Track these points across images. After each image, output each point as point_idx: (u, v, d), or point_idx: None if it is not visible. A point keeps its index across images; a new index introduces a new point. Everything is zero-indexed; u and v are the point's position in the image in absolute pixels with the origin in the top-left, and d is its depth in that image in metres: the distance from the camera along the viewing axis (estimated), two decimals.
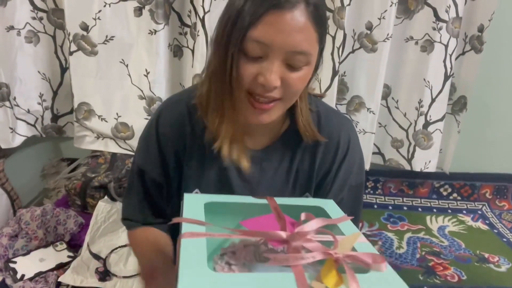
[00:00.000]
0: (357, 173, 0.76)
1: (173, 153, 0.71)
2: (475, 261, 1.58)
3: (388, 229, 1.74)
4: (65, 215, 1.44)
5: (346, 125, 0.74)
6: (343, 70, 1.67)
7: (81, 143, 1.60)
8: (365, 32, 1.60)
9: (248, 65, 0.57)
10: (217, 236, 0.48)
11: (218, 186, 0.72)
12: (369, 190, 1.94)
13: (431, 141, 1.73)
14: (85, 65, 1.49)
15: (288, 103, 0.63)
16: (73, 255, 1.35)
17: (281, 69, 0.57)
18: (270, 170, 0.72)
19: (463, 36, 1.68)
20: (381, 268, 0.42)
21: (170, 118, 0.70)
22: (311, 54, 0.58)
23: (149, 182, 0.73)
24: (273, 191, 0.72)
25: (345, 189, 0.75)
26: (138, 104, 1.56)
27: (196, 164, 0.71)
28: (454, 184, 1.96)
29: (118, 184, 1.56)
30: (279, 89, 0.58)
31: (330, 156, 0.72)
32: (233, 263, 0.51)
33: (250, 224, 0.50)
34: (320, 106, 0.74)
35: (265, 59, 0.56)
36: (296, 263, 0.41)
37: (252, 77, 0.57)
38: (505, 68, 1.81)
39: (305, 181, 0.73)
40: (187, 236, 0.45)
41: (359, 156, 0.76)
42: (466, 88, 1.74)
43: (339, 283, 0.40)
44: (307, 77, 0.61)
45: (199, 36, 1.44)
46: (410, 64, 1.67)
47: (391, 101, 1.77)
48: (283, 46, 0.55)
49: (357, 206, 0.78)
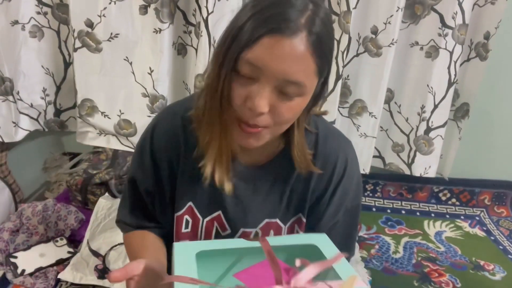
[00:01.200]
0: (353, 197, 0.74)
1: (167, 165, 0.70)
2: (471, 268, 1.59)
3: (385, 232, 1.76)
4: (66, 211, 1.45)
5: (344, 148, 0.72)
6: (346, 74, 1.67)
7: (83, 139, 1.61)
8: (370, 36, 1.59)
9: (239, 86, 0.55)
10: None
11: (210, 202, 0.71)
12: (368, 193, 1.95)
13: (432, 147, 1.73)
14: (89, 61, 1.49)
15: (277, 130, 0.60)
16: (73, 251, 1.37)
17: (271, 95, 0.54)
18: (263, 191, 0.71)
19: (468, 43, 1.67)
20: None
21: (165, 130, 0.70)
22: (305, 86, 0.54)
23: (142, 191, 0.73)
24: (265, 211, 0.72)
25: (340, 212, 0.73)
26: (141, 102, 1.56)
27: (190, 177, 0.70)
28: (453, 189, 1.97)
29: (119, 181, 1.58)
30: (267, 116, 0.56)
31: (325, 179, 0.71)
32: None
33: (244, 276, 0.49)
34: (321, 127, 0.71)
35: (257, 82, 0.54)
36: None
37: (242, 99, 0.55)
38: (509, 76, 1.81)
39: (299, 203, 0.72)
40: None
41: (356, 179, 0.74)
42: (469, 95, 1.74)
43: None
44: (299, 108, 0.58)
45: (202, 37, 1.43)
46: (414, 69, 1.67)
47: (393, 105, 1.77)
48: (276, 73, 0.52)
49: (353, 228, 0.77)
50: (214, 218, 0.72)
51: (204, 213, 0.72)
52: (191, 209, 0.72)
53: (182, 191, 0.71)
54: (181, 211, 0.72)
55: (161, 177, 0.71)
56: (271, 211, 0.72)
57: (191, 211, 0.72)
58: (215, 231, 0.72)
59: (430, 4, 1.56)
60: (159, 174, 0.71)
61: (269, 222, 0.72)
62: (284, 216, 0.73)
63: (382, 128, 1.80)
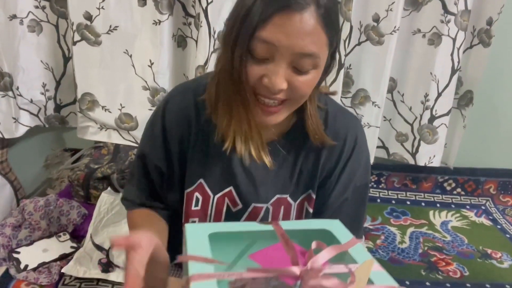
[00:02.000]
0: (363, 174, 0.75)
1: (177, 141, 0.70)
2: (478, 257, 1.57)
3: (391, 223, 1.74)
4: (68, 206, 1.44)
5: (353, 125, 0.73)
6: (348, 63, 1.65)
7: (84, 134, 1.60)
8: (372, 24, 1.57)
9: (255, 66, 0.56)
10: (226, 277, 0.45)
11: (222, 178, 0.71)
12: (373, 184, 1.93)
13: (436, 136, 1.72)
14: (89, 55, 1.48)
15: (294, 105, 0.62)
16: (76, 246, 1.36)
17: (287, 71, 0.56)
18: (274, 166, 0.71)
19: (471, 29, 1.65)
20: None
21: (177, 107, 0.70)
22: (319, 58, 0.56)
23: (150, 167, 0.73)
24: (276, 187, 0.72)
25: (349, 189, 0.74)
26: (142, 95, 1.54)
27: (201, 154, 0.70)
28: (458, 179, 1.95)
29: (121, 176, 1.56)
30: (285, 91, 0.58)
31: (335, 155, 0.71)
32: None
33: (259, 257, 0.48)
34: (330, 104, 0.73)
35: (272, 61, 0.55)
36: None
37: (258, 78, 0.57)
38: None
39: (309, 179, 0.72)
40: (196, 278, 0.43)
41: (365, 157, 0.75)
42: (473, 83, 1.72)
43: None
44: (314, 81, 0.59)
45: (202, 27, 1.42)
46: (417, 57, 1.65)
47: (396, 94, 1.75)
48: (291, 47, 0.54)
49: (362, 207, 0.77)
50: (225, 194, 0.72)
51: (215, 189, 0.72)
52: (201, 186, 0.72)
53: (193, 168, 0.71)
54: (192, 188, 0.72)
55: (171, 154, 0.71)
56: (282, 186, 0.72)
57: (202, 188, 0.72)
58: (226, 207, 0.72)
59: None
60: (169, 150, 0.71)
61: (280, 198, 0.72)
62: (294, 192, 0.72)
63: (385, 118, 1.79)
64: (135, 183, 0.76)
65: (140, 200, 0.75)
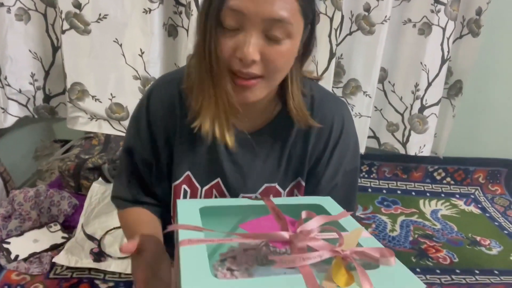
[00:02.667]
0: (352, 158, 0.74)
1: (163, 133, 0.69)
2: (467, 244, 1.60)
3: (381, 212, 1.76)
4: (59, 196, 1.43)
5: (340, 109, 0.72)
6: (340, 53, 1.66)
7: (74, 124, 1.58)
8: (363, 13, 1.58)
9: (226, 39, 0.55)
10: (216, 242, 0.46)
11: (209, 169, 0.70)
12: (364, 174, 1.95)
13: (427, 125, 1.73)
14: (78, 44, 1.46)
15: (271, 81, 0.60)
16: (67, 236, 1.35)
17: (259, 42, 0.54)
18: (261, 155, 0.71)
19: (460, 19, 1.67)
20: (390, 263, 0.41)
21: (161, 98, 0.68)
22: (291, 24, 0.54)
23: (138, 161, 0.72)
24: (264, 176, 0.71)
25: (339, 174, 0.73)
26: (133, 85, 1.53)
27: (187, 146, 0.69)
28: (448, 168, 1.97)
29: (112, 166, 1.55)
30: (259, 64, 0.56)
31: (323, 140, 0.71)
32: (234, 269, 0.50)
33: (249, 226, 0.48)
34: (315, 89, 0.71)
35: (242, 31, 0.54)
36: (303, 263, 0.40)
37: (230, 51, 0.55)
38: (502, 53, 1.81)
39: (298, 166, 0.72)
40: (185, 243, 0.43)
41: (353, 141, 0.74)
42: (462, 72, 1.74)
43: (350, 282, 0.39)
44: (289, 53, 0.58)
45: (193, 16, 1.41)
46: (407, 47, 1.66)
47: (387, 84, 1.76)
48: (260, 13, 0.52)
49: (352, 191, 0.77)
50: (213, 186, 0.71)
51: (203, 181, 0.71)
52: (189, 178, 0.71)
53: (180, 160, 0.70)
54: (179, 181, 0.71)
55: (158, 146, 0.70)
56: (270, 175, 0.71)
57: (189, 180, 0.71)
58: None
59: None
60: (155, 143, 0.70)
61: (269, 187, 0.71)
62: (283, 180, 0.72)
63: (376, 108, 1.80)
64: (124, 180, 0.74)
65: (132, 197, 0.73)
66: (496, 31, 1.74)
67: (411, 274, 0.42)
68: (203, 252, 0.43)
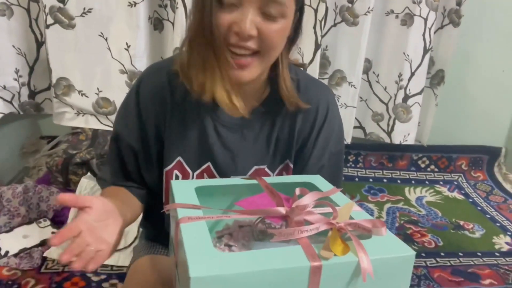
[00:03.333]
0: (337, 140, 0.77)
1: (153, 120, 0.70)
2: (451, 228, 1.65)
3: (368, 200, 1.80)
4: (48, 192, 1.42)
5: (325, 93, 0.75)
6: (325, 44, 1.68)
7: (60, 120, 1.57)
8: (346, 5, 1.60)
9: (224, 14, 0.57)
10: (215, 218, 0.47)
11: (199, 154, 0.72)
12: (351, 164, 1.98)
13: (410, 114, 1.77)
14: (63, 38, 1.45)
15: (266, 58, 0.62)
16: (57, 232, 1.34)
17: (256, 18, 0.57)
18: (250, 137, 0.72)
19: (441, 10, 1.70)
20: (381, 233, 0.44)
21: (151, 86, 0.70)
22: (285, 5, 0.58)
23: (123, 148, 0.73)
24: (253, 158, 0.73)
25: (325, 156, 0.76)
26: (120, 79, 1.53)
27: (177, 132, 0.71)
28: (431, 156, 2.02)
29: (100, 161, 1.55)
30: (255, 40, 0.58)
31: (309, 123, 0.73)
32: (232, 244, 0.52)
33: (245, 204, 0.50)
34: (300, 74, 0.74)
35: (240, 7, 0.57)
36: (301, 236, 0.42)
37: (228, 26, 0.58)
38: (482, 42, 1.86)
39: (285, 149, 0.74)
40: (185, 220, 0.45)
41: (338, 123, 0.77)
42: (444, 62, 1.78)
43: (346, 251, 0.41)
44: (283, 31, 0.61)
45: (178, 9, 1.41)
46: (391, 38, 1.69)
47: (372, 75, 1.80)
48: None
49: (338, 173, 0.80)
50: (203, 170, 0.72)
51: (194, 166, 0.72)
52: (180, 163, 0.72)
53: (170, 146, 0.71)
54: (170, 166, 0.72)
55: (147, 134, 0.71)
56: (259, 157, 0.73)
57: (180, 165, 0.72)
58: None
59: None
60: (144, 130, 0.71)
61: (258, 169, 0.73)
62: (272, 163, 0.74)
63: (361, 98, 1.83)
64: (108, 164, 0.76)
65: (112, 180, 0.75)
66: (476, 21, 1.79)
67: (401, 242, 0.45)
68: (203, 227, 0.44)
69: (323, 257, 0.40)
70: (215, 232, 0.57)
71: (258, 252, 0.42)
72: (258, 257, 0.40)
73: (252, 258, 0.40)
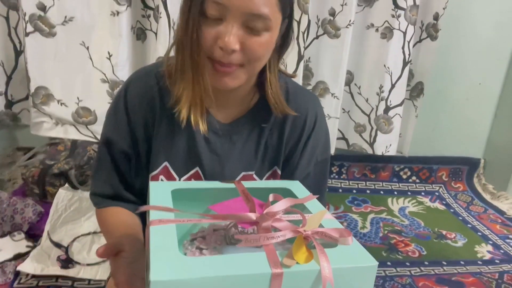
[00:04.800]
0: (323, 149, 0.77)
1: (142, 125, 0.69)
2: (434, 237, 1.66)
3: (352, 211, 1.80)
4: (23, 204, 1.36)
5: (313, 101, 0.76)
6: (308, 56, 1.70)
7: (38, 130, 1.52)
8: (328, 18, 1.63)
9: (208, 28, 0.57)
10: (186, 221, 0.47)
11: (187, 159, 0.71)
12: (334, 175, 1.99)
13: (392, 125, 1.80)
14: (43, 47, 1.42)
15: (251, 69, 0.62)
16: (32, 245, 1.29)
17: (240, 32, 0.57)
18: (239, 143, 0.72)
19: (419, 24, 1.76)
20: (347, 242, 0.44)
21: (139, 90, 0.69)
22: (270, 19, 0.57)
23: (117, 154, 0.70)
24: (242, 164, 0.72)
25: (311, 164, 0.76)
26: (101, 88, 1.50)
27: (165, 137, 0.69)
28: (413, 167, 2.05)
29: (79, 172, 1.51)
30: (239, 54, 0.58)
31: (297, 130, 0.73)
32: (203, 248, 0.51)
33: (219, 208, 0.50)
34: (290, 83, 0.74)
35: (224, 21, 0.57)
36: (267, 242, 0.42)
37: (212, 40, 0.58)
38: (459, 55, 1.92)
39: (274, 155, 0.74)
40: (156, 223, 0.45)
41: (325, 132, 0.78)
42: (423, 74, 1.83)
43: (309, 259, 0.41)
44: (268, 44, 0.60)
45: (162, 18, 1.41)
46: (371, 50, 1.73)
47: (353, 87, 1.82)
48: (241, 7, 0.55)
49: (323, 181, 0.80)
50: (191, 175, 0.71)
51: (181, 171, 0.71)
52: (166, 169, 0.70)
53: (158, 150, 0.70)
54: (156, 171, 0.70)
55: (137, 138, 0.70)
56: (248, 164, 0.72)
57: (167, 171, 0.70)
58: None
59: None
60: (134, 134, 0.70)
61: (246, 175, 0.73)
62: (260, 169, 0.73)
63: (344, 110, 1.85)
64: (102, 174, 0.72)
65: (113, 191, 0.72)
66: (452, 35, 1.85)
67: (366, 252, 0.45)
68: (172, 231, 0.44)
69: (285, 265, 0.40)
70: (190, 235, 0.55)
71: (222, 257, 0.42)
72: (221, 262, 0.40)
73: (215, 263, 0.40)
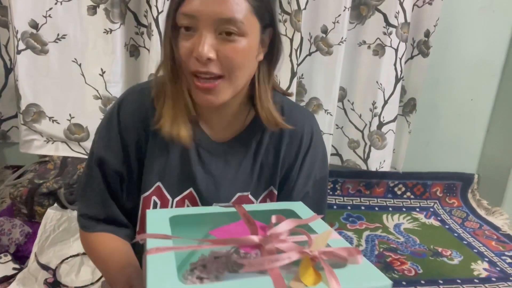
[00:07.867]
0: (321, 166, 0.76)
1: (135, 143, 0.67)
2: (430, 255, 1.64)
3: (347, 228, 1.78)
4: (10, 225, 1.33)
5: (308, 119, 0.75)
6: (301, 73, 1.71)
7: (28, 148, 1.50)
8: (320, 35, 1.65)
9: (183, 41, 0.58)
10: (184, 249, 0.45)
11: (180, 179, 0.69)
12: (329, 192, 1.97)
13: (385, 141, 1.80)
14: (35, 64, 1.41)
15: (234, 80, 0.60)
16: (19, 267, 1.25)
17: (214, 41, 0.57)
18: (234, 163, 0.70)
19: (411, 41, 1.78)
20: (357, 261, 0.42)
21: (132, 107, 0.67)
22: (242, 23, 0.56)
23: (109, 173, 0.68)
24: (237, 184, 0.71)
25: (310, 183, 0.74)
26: (94, 104, 1.49)
27: (159, 156, 0.68)
28: (407, 183, 2.04)
29: (69, 191, 1.47)
30: (217, 63, 0.58)
31: (294, 148, 0.72)
32: (204, 277, 0.49)
33: (219, 233, 0.48)
34: (285, 101, 0.73)
35: (197, 32, 0.57)
36: (272, 266, 0.39)
37: (188, 52, 0.58)
38: (451, 71, 1.94)
39: (270, 175, 0.72)
40: (153, 252, 0.43)
41: (322, 149, 0.76)
42: (415, 91, 1.84)
43: (317, 281, 0.39)
44: (245, 50, 0.59)
45: (154, 36, 1.41)
46: (364, 67, 1.74)
47: (346, 103, 1.83)
48: (210, 15, 0.55)
49: (322, 199, 0.78)
50: (185, 196, 0.69)
51: (174, 192, 0.69)
52: (159, 189, 0.69)
53: (150, 170, 0.68)
54: (148, 192, 0.68)
55: (130, 157, 0.68)
56: (243, 184, 0.71)
57: (160, 191, 0.69)
58: None
59: (374, 4, 1.65)
60: (127, 153, 0.68)
61: (241, 196, 0.71)
62: (256, 190, 0.72)
63: (337, 126, 1.85)
64: (92, 195, 0.69)
65: (106, 214, 0.69)
66: (443, 51, 1.87)
67: (378, 271, 0.42)
68: (170, 259, 0.42)
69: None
70: (190, 264, 0.53)
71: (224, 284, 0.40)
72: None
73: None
